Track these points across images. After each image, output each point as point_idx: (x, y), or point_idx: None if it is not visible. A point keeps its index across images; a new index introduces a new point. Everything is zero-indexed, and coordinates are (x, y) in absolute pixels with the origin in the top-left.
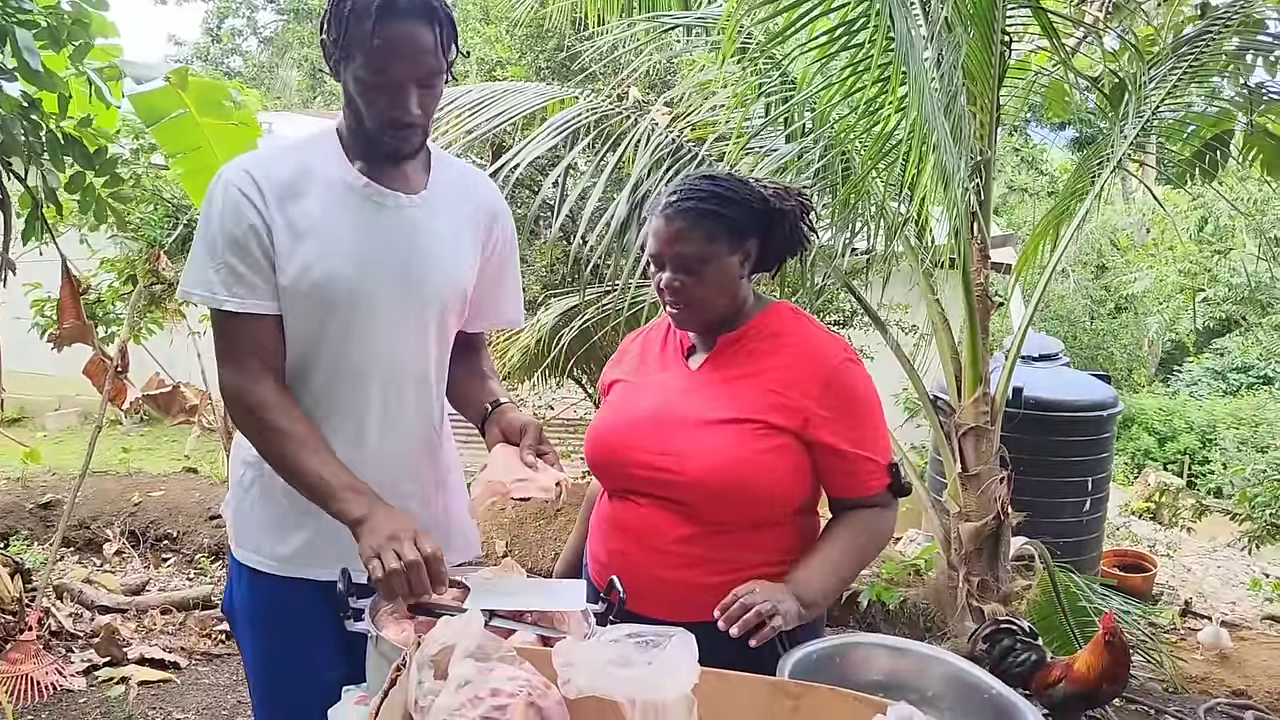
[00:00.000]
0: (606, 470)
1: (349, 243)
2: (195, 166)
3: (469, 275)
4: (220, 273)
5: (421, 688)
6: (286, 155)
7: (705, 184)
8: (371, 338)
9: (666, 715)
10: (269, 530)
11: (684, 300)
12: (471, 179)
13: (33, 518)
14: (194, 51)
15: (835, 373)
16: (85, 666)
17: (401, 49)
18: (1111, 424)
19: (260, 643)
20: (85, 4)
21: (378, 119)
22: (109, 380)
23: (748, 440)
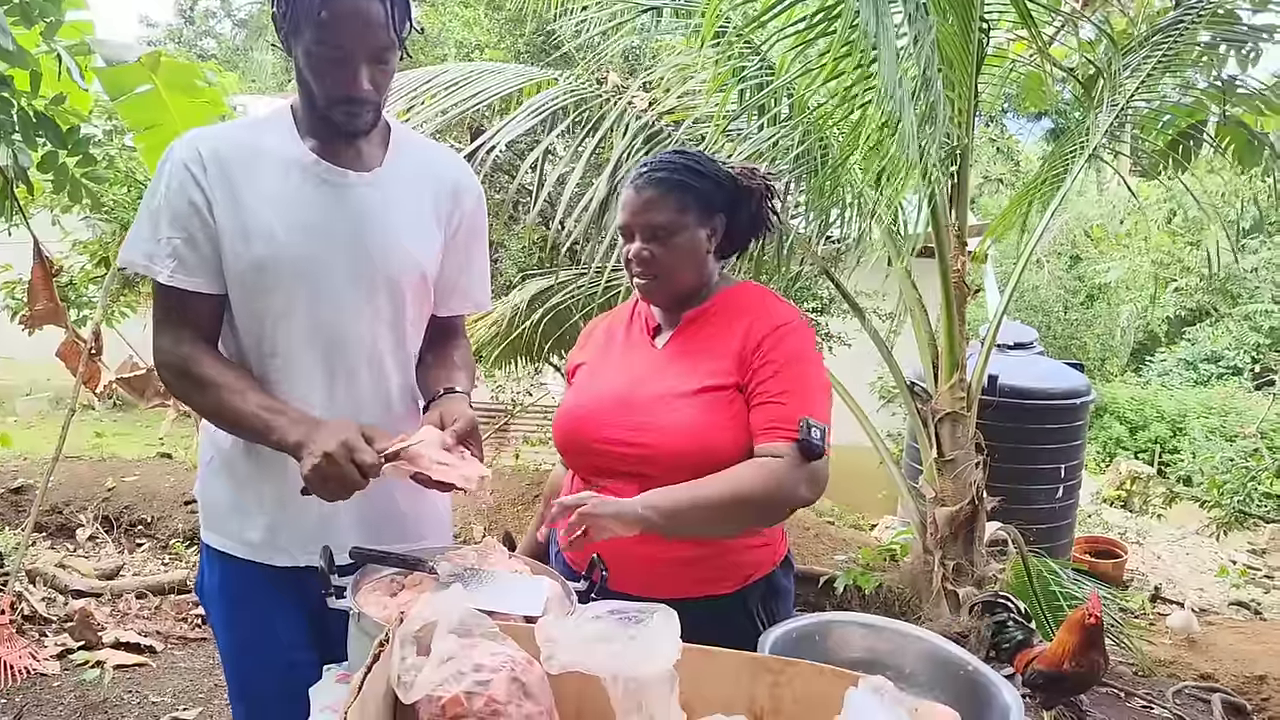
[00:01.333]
0: (577, 451)
1: (294, 221)
2: (157, 142)
3: (428, 255)
4: (161, 244)
5: (405, 663)
6: (238, 132)
7: (676, 158)
8: (318, 318)
9: (648, 691)
10: (235, 514)
11: (653, 270)
12: (433, 154)
13: (4, 503)
14: (166, 33)
15: (776, 330)
16: (60, 650)
17: (350, 22)
18: (1085, 412)
19: (231, 625)
20: None
21: (327, 94)
22: (83, 363)
23: (716, 408)
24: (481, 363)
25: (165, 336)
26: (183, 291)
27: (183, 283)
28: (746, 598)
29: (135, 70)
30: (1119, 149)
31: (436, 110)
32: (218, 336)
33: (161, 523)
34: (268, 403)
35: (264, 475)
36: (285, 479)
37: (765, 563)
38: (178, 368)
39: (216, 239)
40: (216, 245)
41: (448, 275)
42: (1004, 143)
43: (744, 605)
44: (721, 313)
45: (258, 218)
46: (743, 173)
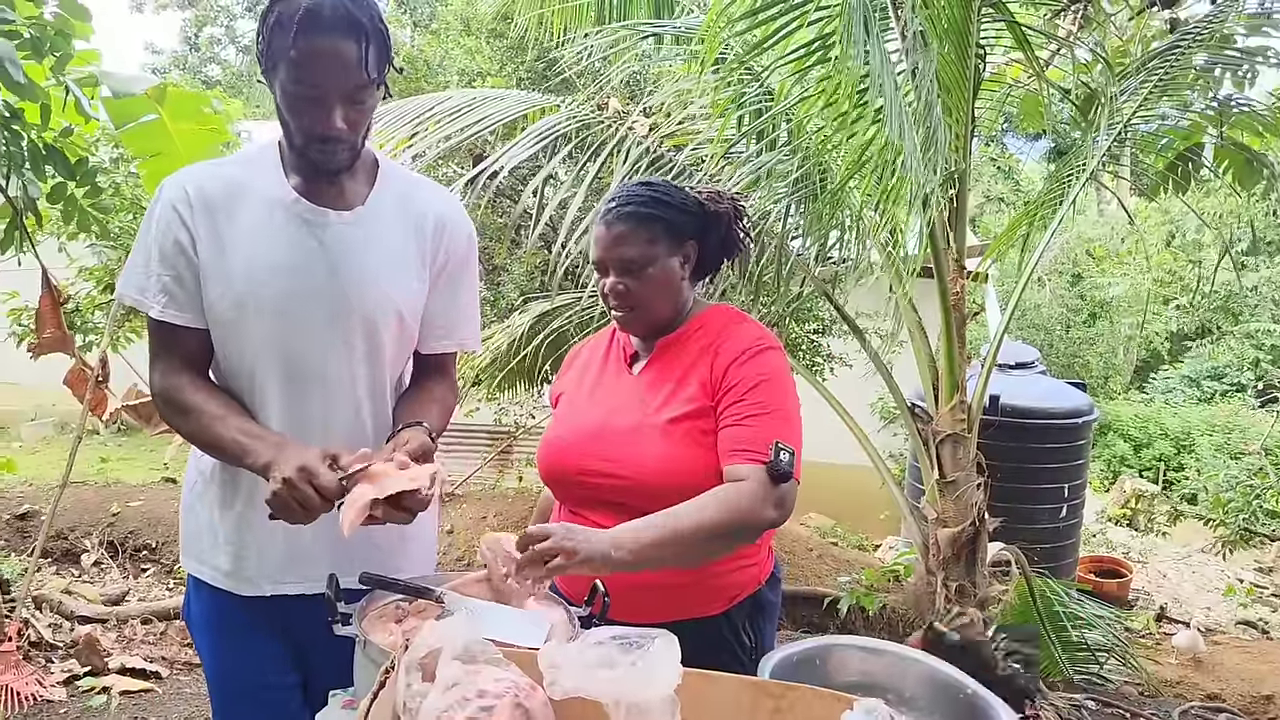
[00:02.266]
0: (560, 482)
1: (273, 261)
2: (158, 170)
3: (410, 293)
4: (151, 280)
5: (410, 689)
6: (225, 169)
7: (643, 190)
8: (295, 356)
9: (650, 715)
10: (208, 540)
11: (629, 303)
12: (418, 190)
13: (9, 528)
14: (171, 60)
15: (744, 354)
16: (66, 676)
17: (322, 61)
18: (1087, 431)
19: (213, 652)
20: (68, 15)
21: (303, 132)
22: (90, 390)
23: (691, 437)
24: (483, 385)
25: (157, 367)
26: (173, 325)
27: (173, 318)
28: (734, 617)
29: (140, 100)
30: (1118, 170)
31: (440, 137)
32: (208, 367)
33: (166, 548)
34: (246, 427)
35: (236, 504)
36: (254, 509)
37: (751, 582)
38: (166, 396)
39: (199, 276)
40: (199, 282)
41: (432, 313)
42: (1004, 162)
43: (731, 624)
44: (695, 337)
45: (238, 257)
46: (710, 197)
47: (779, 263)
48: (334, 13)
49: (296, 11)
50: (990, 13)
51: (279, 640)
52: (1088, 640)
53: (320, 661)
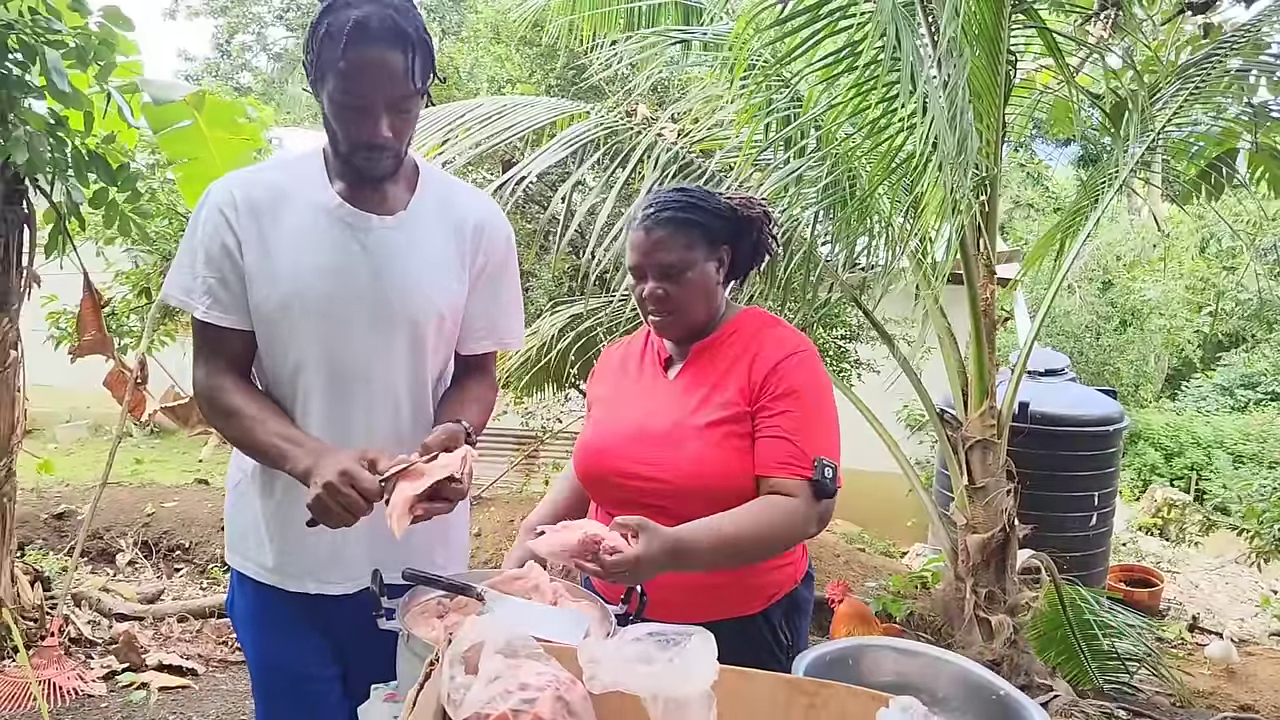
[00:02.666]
0: (598, 484)
1: (317, 263)
2: (193, 173)
3: (451, 295)
4: (198, 282)
5: (454, 681)
6: (270, 175)
7: (679, 195)
8: (338, 357)
9: (687, 710)
10: (254, 538)
11: (667, 308)
12: (459, 195)
13: (47, 528)
14: (204, 67)
15: (785, 360)
16: (105, 672)
17: (371, 72)
18: (1118, 439)
19: (255, 647)
20: (112, 25)
21: (349, 140)
22: (129, 392)
23: (728, 440)
24: (511, 389)
25: (200, 367)
26: (217, 327)
27: (218, 319)
28: (771, 615)
29: (178, 107)
30: (1150, 177)
31: (470, 144)
32: (250, 368)
33: (199, 548)
34: (285, 431)
35: (280, 503)
36: (297, 508)
37: (788, 581)
38: (209, 396)
39: (245, 279)
40: (245, 284)
41: (473, 314)
42: (1033, 168)
43: (768, 622)
44: (729, 341)
45: (283, 260)
46: (742, 203)
47: (807, 269)
48: (381, 25)
49: (346, 24)
50: (1021, 19)
51: (320, 635)
52: (1119, 649)
53: (359, 656)
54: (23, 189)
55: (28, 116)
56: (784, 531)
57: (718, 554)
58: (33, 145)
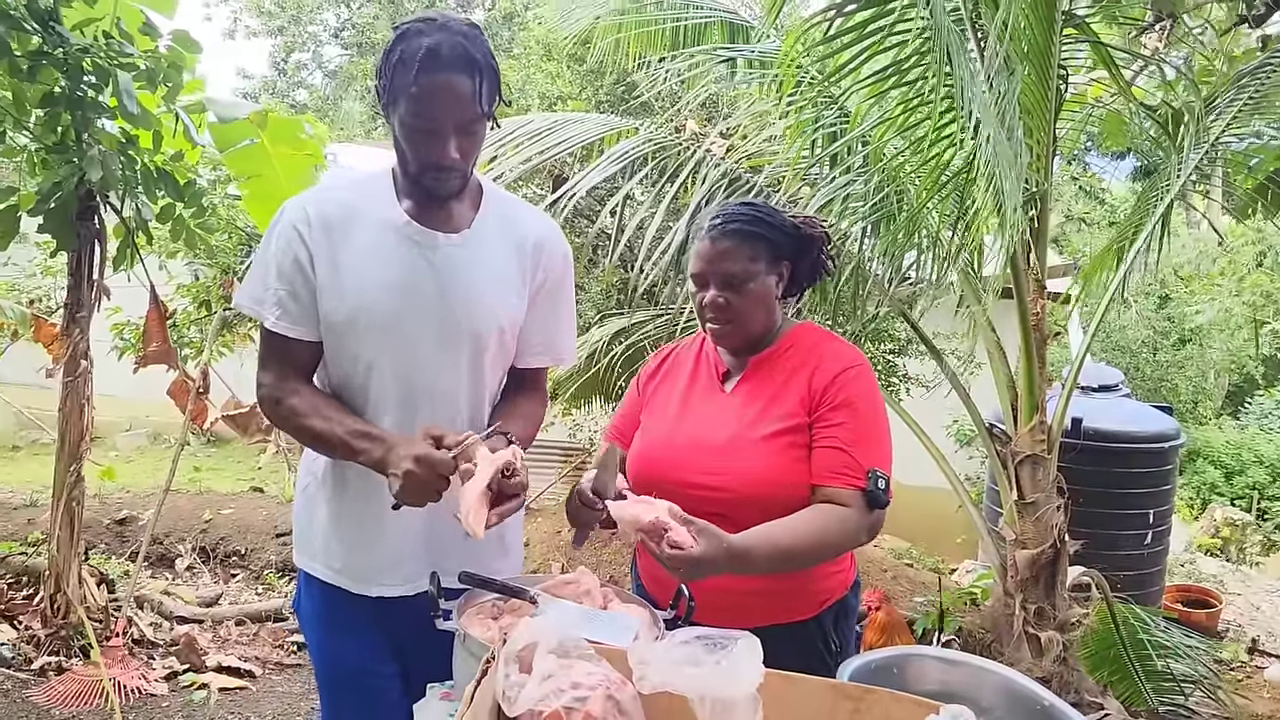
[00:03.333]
0: (658, 492)
1: (385, 279)
2: (258, 191)
3: (511, 311)
4: (269, 293)
5: (509, 680)
6: (342, 193)
7: (746, 209)
8: (402, 369)
9: (734, 712)
10: (320, 540)
11: (726, 316)
12: (520, 214)
13: (109, 533)
14: (261, 84)
15: (843, 373)
16: (167, 672)
17: (441, 96)
18: (1173, 456)
19: (320, 642)
20: (180, 48)
21: (419, 161)
22: (191, 401)
23: (788, 451)
24: (558, 400)
25: (268, 373)
26: (285, 337)
27: (287, 330)
28: (823, 621)
29: (242, 125)
30: (1208, 191)
31: (520, 160)
32: (313, 375)
33: (255, 554)
34: (354, 426)
35: (346, 507)
36: (363, 512)
37: (840, 588)
38: (276, 400)
39: (315, 292)
40: (316, 298)
41: (530, 330)
42: (1086, 181)
43: (820, 627)
44: (787, 355)
45: (352, 275)
46: (805, 221)
47: (856, 283)
48: (452, 51)
49: (418, 51)
50: (1072, 34)
51: (382, 634)
52: (1173, 670)
53: (418, 656)
54: (95, 205)
55: (101, 136)
56: (837, 539)
57: (774, 561)
58: (106, 163)
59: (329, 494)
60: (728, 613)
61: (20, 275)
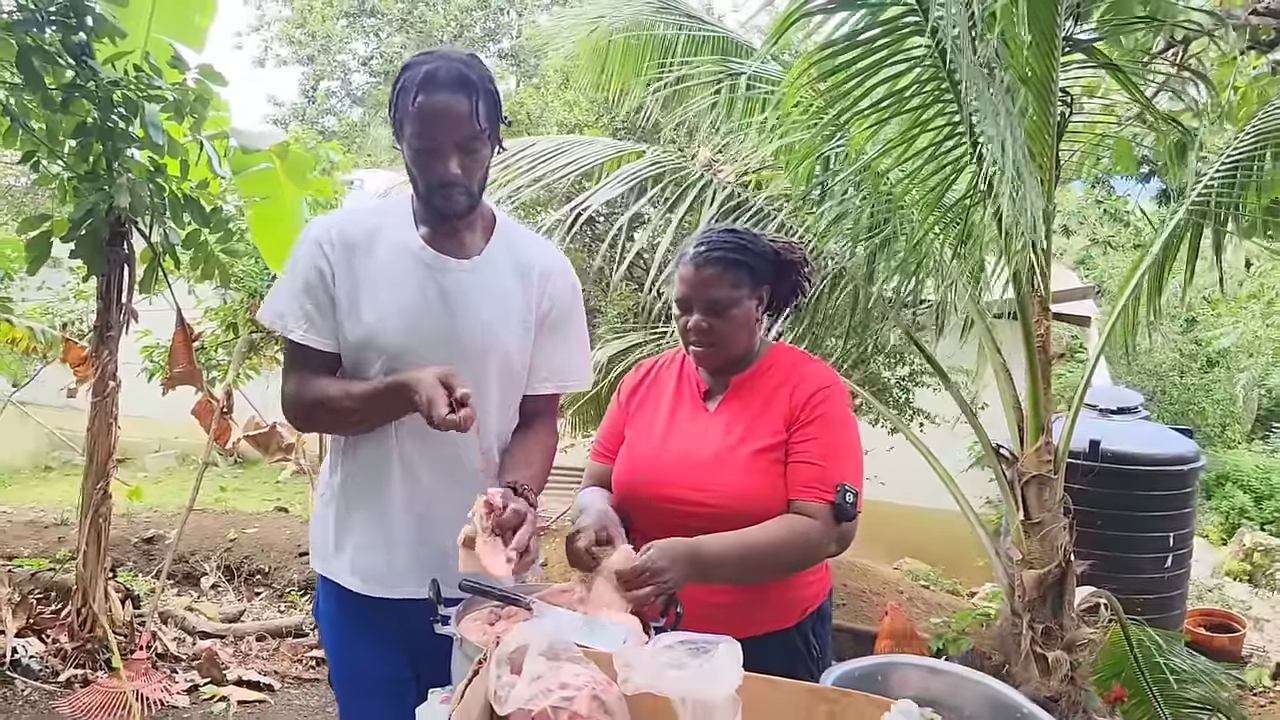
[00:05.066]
0: (641, 509)
1: (398, 300)
2: (264, 213)
3: (516, 336)
4: (293, 306)
5: (500, 680)
6: (365, 216)
7: (728, 236)
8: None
9: (714, 713)
10: (336, 545)
11: (710, 340)
12: (528, 244)
13: (137, 551)
14: (291, 111)
15: (818, 392)
16: (189, 686)
17: (440, 116)
18: (1194, 479)
19: (336, 645)
20: (207, 81)
21: (426, 180)
22: (215, 421)
23: (769, 468)
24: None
25: (291, 380)
26: (308, 348)
27: (312, 341)
28: (804, 628)
29: (263, 155)
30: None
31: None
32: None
33: (278, 573)
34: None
35: (365, 512)
36: (385, 518)
37: (817, 596)
38: (298, 397)
39: (335, 307)
40: (335, 312)
41: (537, 358)
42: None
43: (802, 634)
44: (767, 375)
45: (368, 293)
46: (784, 247)
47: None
48: (448, 74)
49: (418, 76)
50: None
51: (396, 638)
52: (1188, 694)
53: (430, 662)
54: (124, 231)
55: (130, 164)
56: (800, 546)
57: (734, 558)
58: (135, 190)
59: (346, 501)
60: (716, 624)
61: (54, 299)
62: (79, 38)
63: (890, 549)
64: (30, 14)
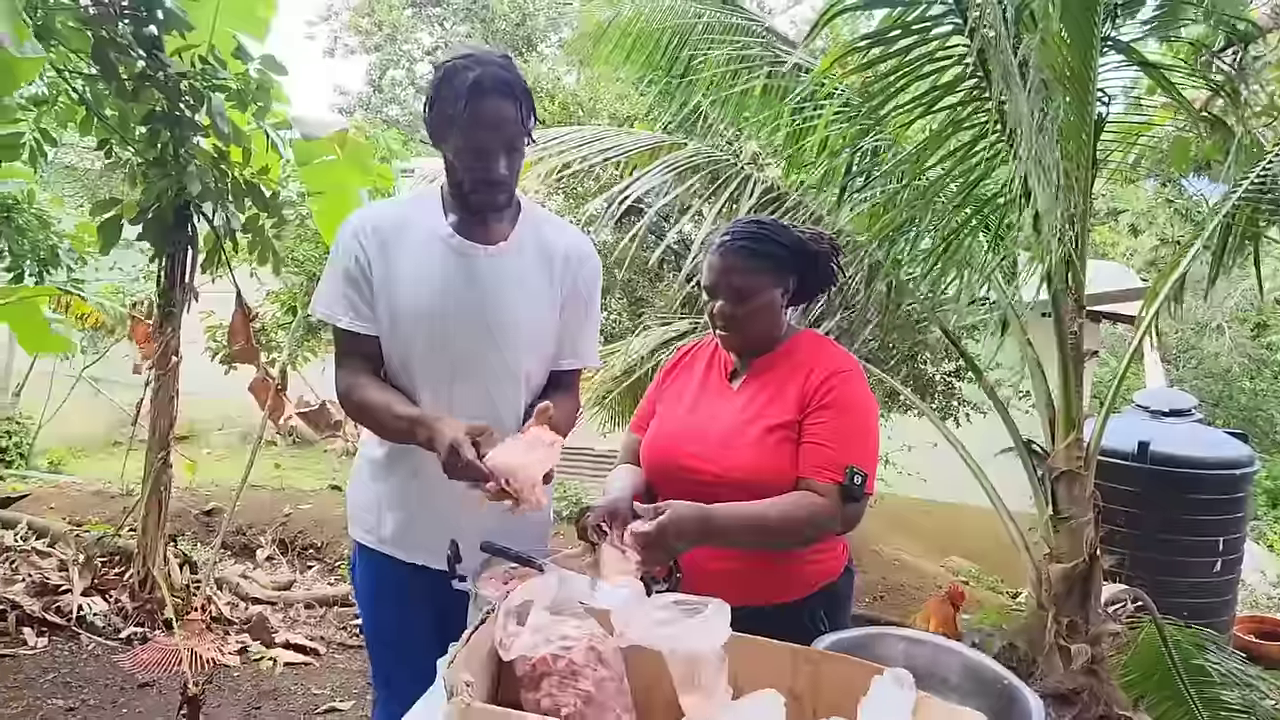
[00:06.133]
0: (664, 476)
1: (431, 285)
2: (328, 206)
3: (541, 316)
4: (337, 297)
5: (506, 630)
6: (396, 208)
7: (753, 227)
8: (442, 365)
9: (701, 665)
10: (372, 511)
11: (732, 325)
12: (551, 227)
13: (198, 523)
14: (356, 100)
15: (833, 376)
16: (240, 647)
17: (491, 121)
18: (1247, 484)
19: (370, 608)
20: (269, 71)
21: (472, 179)
22: (270, 397)
23: (780, 444)
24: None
25: (343, 370)
26: (356, 334)
27: (360, 327)
28: (810, 603)
29: (324, 143)
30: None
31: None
32: (381, 367)
33: (330, 548)
34: (407, 413)
35: (396, 484)
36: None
37: (825, 574)
38: (348, 393)
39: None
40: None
41: (560, 336)
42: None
43: (809, 610)
44: (787, 359)
45: (401, 281)
46: (813, 237)
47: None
48: (495, 81)
49: (467, 83)
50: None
51: (426, 603)
52: (1229, 697)
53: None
54: (189, 215)
55: (196, 151)
56: (805, 522)
57: (745, 532)
58: (200, 177)
59: (384, 471)
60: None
61: (125, 280)
62: (150, 31)
63: (937, 547)
64: (105, 9)
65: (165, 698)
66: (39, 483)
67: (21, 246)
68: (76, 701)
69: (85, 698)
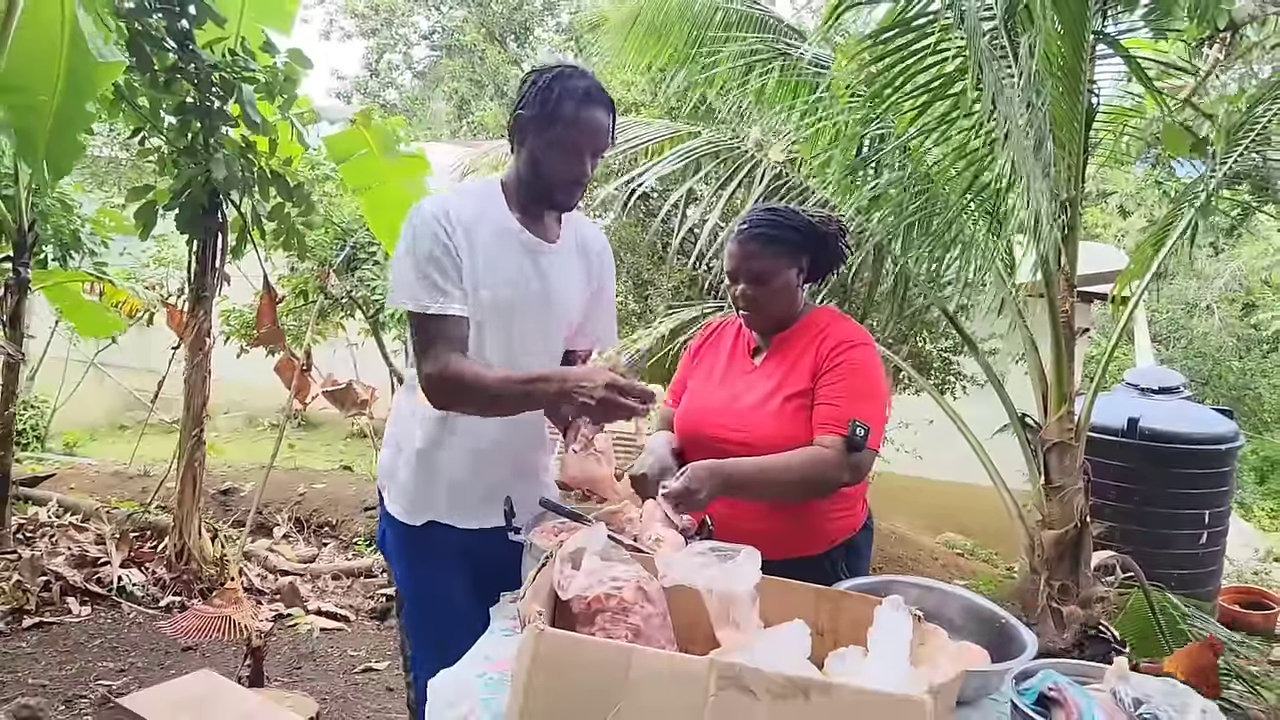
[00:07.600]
0: (695, 445)
1: (505, 275)
2: (376, 202)
3: (581, 303)
4: (423, 283)
5: (563, 573)
6: (467, 200)
7: (768, 214)
8: (509, 347)
9: (735, 602)
10: (411, 482)
11: (754, 307)
12: (585, 227)
13: (214, 502)
14: (354, 84)
15: (842, 345)
16: (274, 615)
17: (590, 127)
18: (1232, 459)
19: (406, 572)
20: (295, 64)
21: (557, 178)
22: (296, 377)
23: (798, 411)
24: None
25: (432, 361)
26: (444, 318)
27: (452, 310)
28: (832, 556)
29: (353, 136)
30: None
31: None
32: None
33: (344, 525)
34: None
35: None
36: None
37: (846, 529)
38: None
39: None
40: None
41: (588, 320)
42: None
43: (831, 562)
44: (803, 333)
45: (477, 269)
46: (821, 220)
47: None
48: (598, 92)
49: (576, 91)
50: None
51: (462, 564)
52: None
53: (492, 585)
54: (219, 202)
55: (225, 141)
56: (816, 473)
57: (757, 480)
58: (229, 165)
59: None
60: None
61: (136, 265)
62: (182, 24)
63: (934, 523)
64: (140, 2)
65: (209, 659)
66: (56, 464)
67: (45, 231)
68: (125, 664)
69: (133, 660)
